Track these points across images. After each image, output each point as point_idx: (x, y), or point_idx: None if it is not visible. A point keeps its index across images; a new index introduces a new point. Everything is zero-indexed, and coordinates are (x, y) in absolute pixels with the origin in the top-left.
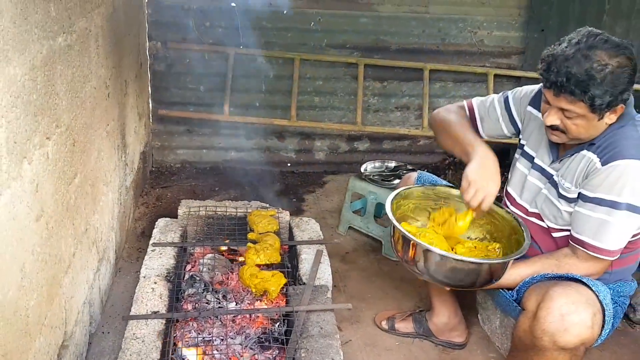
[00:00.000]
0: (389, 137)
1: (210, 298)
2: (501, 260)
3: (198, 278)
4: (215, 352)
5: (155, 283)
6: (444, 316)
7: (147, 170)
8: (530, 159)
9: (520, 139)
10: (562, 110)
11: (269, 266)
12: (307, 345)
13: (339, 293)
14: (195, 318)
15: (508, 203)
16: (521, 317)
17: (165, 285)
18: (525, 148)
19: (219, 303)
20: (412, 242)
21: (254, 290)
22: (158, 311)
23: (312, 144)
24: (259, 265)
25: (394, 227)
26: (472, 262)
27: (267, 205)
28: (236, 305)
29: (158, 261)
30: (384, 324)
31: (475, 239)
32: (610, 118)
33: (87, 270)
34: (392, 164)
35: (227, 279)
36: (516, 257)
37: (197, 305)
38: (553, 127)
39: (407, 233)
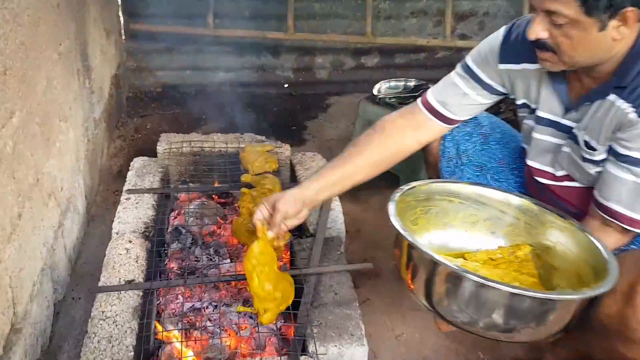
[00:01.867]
0: (402, 50)
1: (199, 254)
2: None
3: (184, 230)
4: (208, 323)
5: (130, 242)
6: None
7: (122, 97)
8: (532, 111)
9: (514, 100)
10: (550, 14)
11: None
12: (320, 316)
13: (351, 240)
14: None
15: (537, 178)
16: (606, 297)
17: (142, 244)
18: (522, 101)
19: (211, 260)
20: (429, 259)
21: (245, 237)
22: (133, 280)
23: (312, 61)
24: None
25: (401, 239)
26: (555, 299)
27: (263, 139)
28: (231, 262)
29: (134, 212)
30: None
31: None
32: (619, 31)
33: (42, 231)
34: (412, 83)
35: (220, 229)
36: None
37: (183, 264)
38: (540, 45)
39: (426, 250)
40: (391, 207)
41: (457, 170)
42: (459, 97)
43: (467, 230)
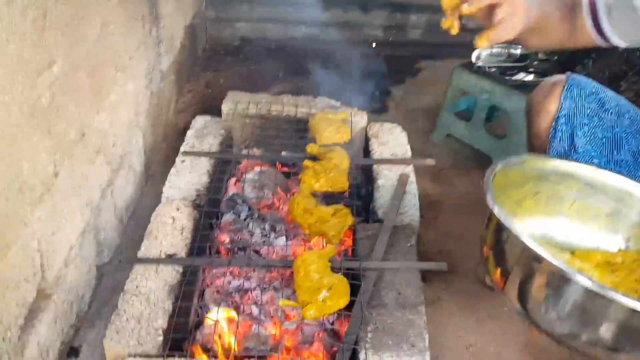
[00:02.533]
0: None
1: (253, 228)
2: None
3: (240, 200)
4: (253, 307)
5: (178, 210)
6: None
7: (196, 49)
8: None
9: None
10: None
11: (331, 195)
12: (378, 319)
13: (426, 228)
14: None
15: None
16: None
17: (190, 214)
18: None
19: (265, 237)
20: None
21: (307, 231)
22: (175, 254)
23: (405, 19)
24: (317, 194)
25: (494, 220)
26: None
27: (338, 105)
28: (287, 241)
29: (187, 177)
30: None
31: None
32: None
33: (85, 190)
34: (518, 51)
35: (280, 202)
36: None
37: (235, 237)
38: None
39: (527, 239)
40: (489, 177)
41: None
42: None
43: (582, 222)
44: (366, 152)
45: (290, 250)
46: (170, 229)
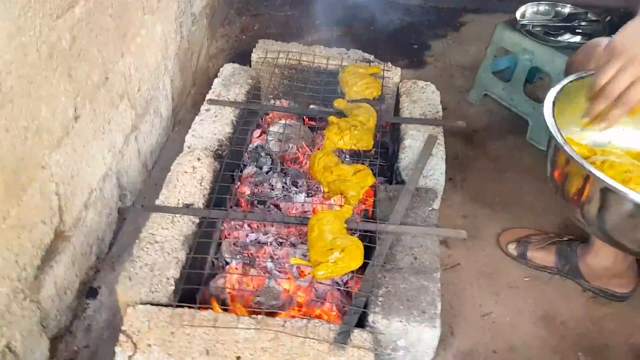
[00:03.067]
0: None
1: (275, 182)
2: None
3: (264, 152)
4: (268, 261)
5: (199, 160)
6: (605, 258)
7: None
8: None
9: None
10: None
11: (356, 153)
12: (391, 282)
13: (454, 190)
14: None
15: None
16: None
17: (210, 165)
18: None
19: (286, 191)
20: (583, 172)
21: (326, 189)
22: (192, 204)
23: None
24: (341, 152)
25: (555, 144)
26: None
27: (371, 58)
28: (307, 197)
29: (210, 127)
30: (512, 248)
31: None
32: None
33: (108, 135)
34: (567, 9)
35: (304, 156)
36: None
37: (256, 190)
38: None
39: (577, 156)
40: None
41: None
42: None
43: None
44: (396, 109)
45: (310, 206)
46: (189, 179)
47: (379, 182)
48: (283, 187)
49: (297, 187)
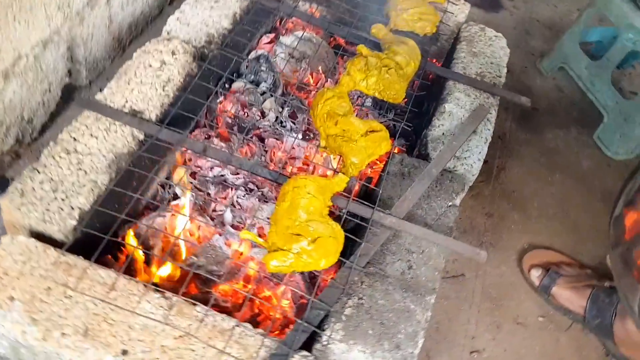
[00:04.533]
0: None
1: (269, 109)
2: None
3: (267, 65)
4: (228, 211)
5: (173, 54)
6: None
7: None
8: None
9: None
10: None
11: (379, 103)
12: (367, 292)
13: (486, 177)
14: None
15: None
16: None
17: (186, 65)
18: None
19: (280, 124)
20: None
21: (322, 143)
22: (142, 112)
23: None
24: (360, 95)
25: None
26: None
27: None
28: (303, 140)
29: (205, 13)
30: (536, 275)
31: None
32: None
33: None
34: None
35: (316, 84)
36: None
37: (241, 112)
38: None
39: None
40: None
41: None
42: None
43: None
44: (448, 58)
45: (302, 153)
46: (151, 77)
47: (396, 146)
48: (277, 118)
49: (294, 124)
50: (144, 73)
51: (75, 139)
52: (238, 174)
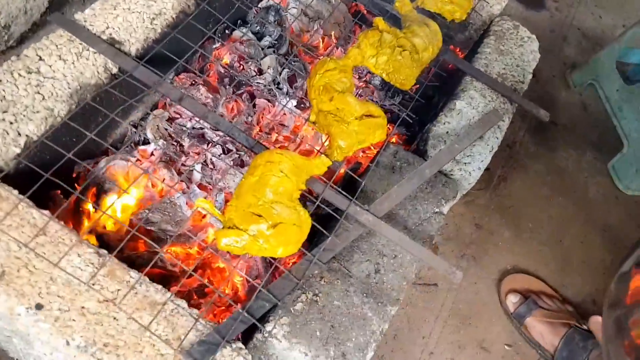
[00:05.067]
0: None
1: (267, 66)
2: None
3: (276, 19)
4: (197, 167)
5: None
6: None
7: None
8: None
9: None
10: None
11: (386, 85)
12: (324, 288)
13: (485, 186)
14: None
15: None
16: None
17: None
18: None
19: (277, 86)
20: None
21: (312, 117)
22: (121, 43)
23: None
24: (365, 72)
25: None
26: None
27: None
28: (295, 107)
29: None
30: (512, 301)
31: None
32: None
33: None
34: None
35: (328, 50)
36: None
37: (238, 64)
38: None
39: None
40: None
41: None
42: None
43: None
44: (472, 51)
45: (292, 121)
46: (141, 5)
47: (394, 134)
48: (274, 78)
49: (292, 88)
50: (135, 0)
51: (40, 58)
52: (218, 130)
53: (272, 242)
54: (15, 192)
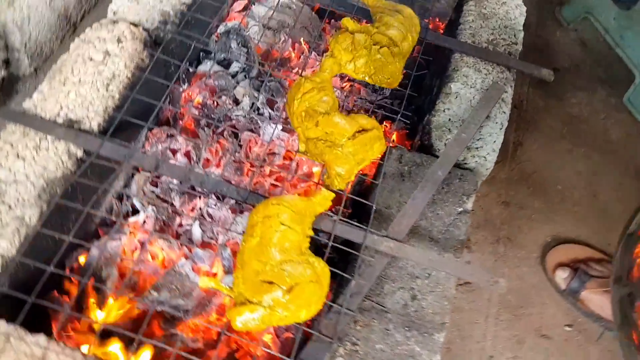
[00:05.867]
0: None
1: (243, 94)
2: None
3: (239, 41)
4: (195, 226)
5: (119, 42)
6: None
7: None
8: None
9: None
10: None
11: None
12: (362, 334)
13: (502, 158)
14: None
15: None
16: None
17: (135, 54)
18: None
19: (256, 111)
20: None
21: (302, 148)
22: (80, 122)
23: None
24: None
25: None
26: None
27: None
28: (282, 131)
29: None
30: (562, 277)
31: None
32: None
33: None
34: None
35: (299, 59)
36: None
37: (210, 101)
38: None
39: None
40: None
41: None
42: None
43: None
44: (453, 22)
45: (282, 148)
46: (91, 73)
47: (394, 130)
48: (252, 104)
49: (273, 110)
50: (83, 69)
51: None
52: (206, 172)
53: (291, 308)
54: (2, 322)
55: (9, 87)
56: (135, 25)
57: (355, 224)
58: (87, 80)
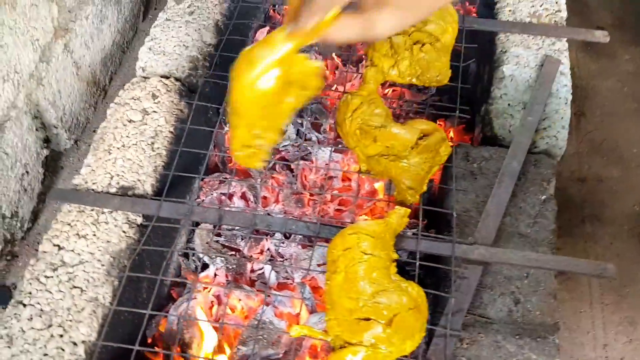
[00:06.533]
0: None
1: (286, 129)
2: None
3: None
4: (267, 268)
5: (154, 97)
6: None
7: None
8: None
9: None
10: None
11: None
12: (470, 351)
13: (568, 132)
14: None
15: None
16: None
17: (173, 106)
18: None
19: (303, 138)
20: None
21: (363, 167)
22: (133, 188)
23: None
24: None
25: None
26: None
27: None
28: (333, 152)
29: (180, 33)
30: None
31: None
32: None
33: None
34: None
35: (334, 77)
36: None
37: None
38: None
39: None
40: None
41: None
42: None
43: None
44: (486, 5)
45: (338, 170)
46: (134, 135)
47: (452, 126)
48: (297, 131)
49: (320, 133)
50: (125, 133)
51: (59, 247)
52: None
53: (395, 342)
54: None
55: (52, 164)
56: (167, 77)
57: (440, 236)
58: (131, 143)
